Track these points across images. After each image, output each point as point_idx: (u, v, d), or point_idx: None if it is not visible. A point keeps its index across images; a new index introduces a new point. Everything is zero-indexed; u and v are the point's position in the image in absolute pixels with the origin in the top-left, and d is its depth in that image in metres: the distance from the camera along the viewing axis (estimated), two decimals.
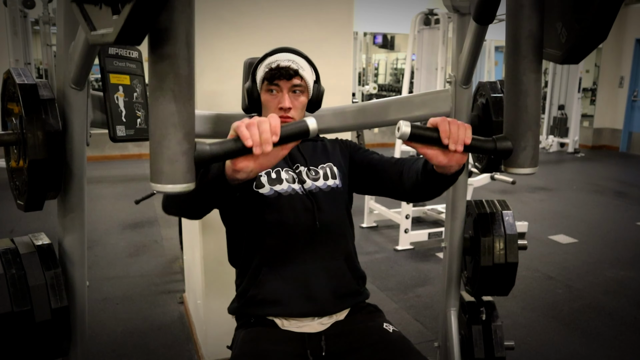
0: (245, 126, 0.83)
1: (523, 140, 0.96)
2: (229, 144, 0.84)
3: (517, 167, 0.98)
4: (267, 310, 1.24)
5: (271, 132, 0.83)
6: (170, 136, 0.76)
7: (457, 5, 1.47)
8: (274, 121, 0.84)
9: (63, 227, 1.19)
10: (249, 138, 0.82)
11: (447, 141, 0.91)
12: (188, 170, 0.78)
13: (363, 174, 1.36)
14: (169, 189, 0.77)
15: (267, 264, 1.25)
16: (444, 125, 0.91)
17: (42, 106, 1.05)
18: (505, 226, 1.57)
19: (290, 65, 1.27)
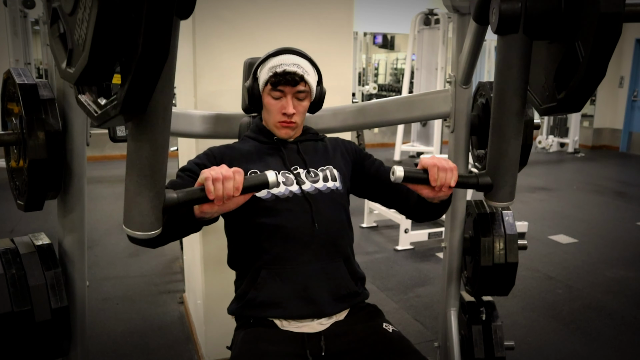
0: (212, 181, 0.95)
1: (502, 179, 1.13)
2: (195, 193, 0.96)
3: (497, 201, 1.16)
4: (266, 312, 1.24)
5: (233, 188, 0.96)
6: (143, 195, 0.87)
7: (457, 5, 1.47)
8: (239, 177, 0.97)
9: (63, 227, 1.19)
10: (212, 192, 0.95)
11: (435, 184, 1.08)
12: (156, 220, 0.90)
13: (369, 183, 1.39)
14: (138, 235, 0.90)
15: (266, 266, 1.24)
16: (433, 171, 1.07)
17: (42, 106, 1.05)
18: (505, 226, 1.57)
19: (296, 70, 1.26)
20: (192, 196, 0.95)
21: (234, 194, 0.96)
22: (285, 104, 1.27)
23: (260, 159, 1.32)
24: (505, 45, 1.00)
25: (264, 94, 1.31)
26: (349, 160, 1.40)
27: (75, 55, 0.68)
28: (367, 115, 1.62)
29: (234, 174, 0.96)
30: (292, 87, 1.27)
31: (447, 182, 1.07)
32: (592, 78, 0.87)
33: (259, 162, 1.31)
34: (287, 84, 1.26)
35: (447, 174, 1.08)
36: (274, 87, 1.27)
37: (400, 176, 1.05)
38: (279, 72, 1.25)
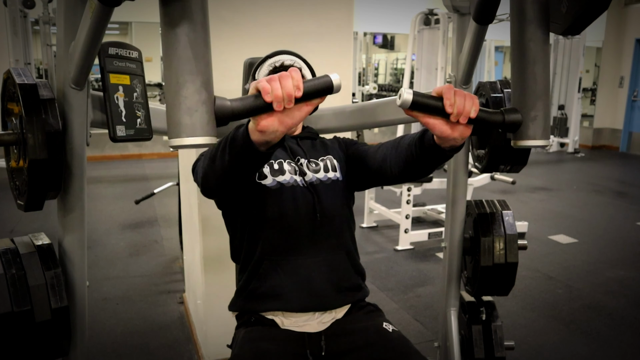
0: (267, 80, 0.78)
1: (533, 110, 0.91)
2: (250, 100, 0.78)
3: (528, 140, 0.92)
4: (268, 304, 1.24)
5: (294, 86, 0.78)
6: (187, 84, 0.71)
7: (457, 5, 1.47)
8: (297, 75, 0.79)
9: (63, 227, 1.19)
10: (269, 92, 0.78)
11: (451, 110, 0.85)
12: (208, 122, 0.73)
13: (354, 166, 1.35)
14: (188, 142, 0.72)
15: (269, 257, 1.25)
16: (449, 94, 0.85)
17: (42, 106, 1.05)
18: (505, 226, 1.57)
19: (294, 64, 1.31)
20: (248, 103, 0.78)
21: (296, 94, 0.79)
22: None
23: None
24: None
25: None
26: (343, 150, 1.40)
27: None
28: (367, 115, 1.62)
29: (290, 72, 0.80)
30: None
31: (466, 110, 0.85)
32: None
33: None
34: None
35: (467, 100, 0.86)
36: None
37: (408, 99, 0.83)
38: (278, 66, 1.30)
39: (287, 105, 0.79)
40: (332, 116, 1.60)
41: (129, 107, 1.07)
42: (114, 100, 1.05)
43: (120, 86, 1.06)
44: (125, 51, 1.07)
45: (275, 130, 0.83)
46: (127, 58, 1.07)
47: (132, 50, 1.09)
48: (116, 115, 1.07)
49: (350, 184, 1.38)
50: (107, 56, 1.03)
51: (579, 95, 8.47)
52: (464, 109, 0.85)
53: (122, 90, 1.06)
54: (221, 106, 0.76)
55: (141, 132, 1.09)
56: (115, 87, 1.05)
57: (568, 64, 8.57)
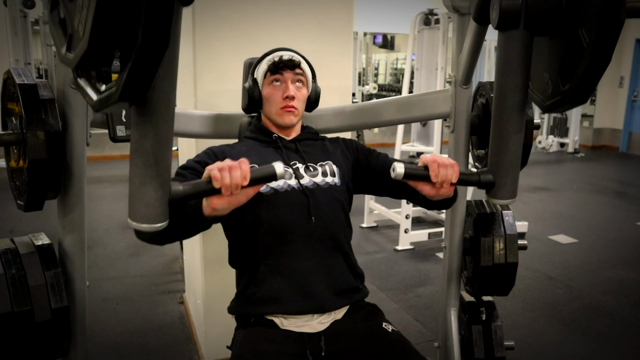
0: (218, 169, 0.90)
1: (504, 177, 1.09)
2: (202, 185, 0.91)
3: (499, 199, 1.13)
4: (266, 308, 1.24)
5: (241, 177, 0.91)
6: (147, 185, 0.84)
7: (457, 5, 1.47)
8: (245, 167, 0.92)
9: (63, 227, 1.19)
10: (219, 181, 0.90)
11: (436, 180, 1.04)
12: (162, 212, 0.87)
13: (376, 178, 1.37)
14: (144, 228, 0.86)
15: (265, 261, 1.25)
16: (434, 167, 1.04)
17: (42, 106, 1.05)
18: (505, 226, 1.57)
19: (293, 57, 1.34)
20: (199, 188, 0.91)
21: (243, 183, 0.92)
22: (286, 88, 1.33)
23: (259, 156, 1.32)
24: (505, 41, 0.99)
25: (264, 87, 1.36)
26: (349, 157, 1.40)
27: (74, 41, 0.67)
28: (367, 115, 1.62)
29: (239, 164, 0.92)
30: (291, 71, 1.33)
31: (448, 178, 1.04)
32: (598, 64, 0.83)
33: (258, 158, 1.32)
34: (285, 68, 1.33)
35: (448, 170, 1.04)
36: (273, 72, 1.33)
37: (401, 173, 1.02)
38: (277, 60, 1.33)
39: (234, 192, 0.92)
40: (332, 116, 1.60)
41: None
42: None
43: None
44: None
45: (224, 209, 0.97)
46: None
47: None
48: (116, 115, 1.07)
49: (352, 188, 1.39)
50: None
51: None
52: (446, 177, 1.04)
53: None
54: (175, 192, 0.89)
55: None
56: None
57: None
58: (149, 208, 0.86)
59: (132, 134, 0.83)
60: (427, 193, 1.09)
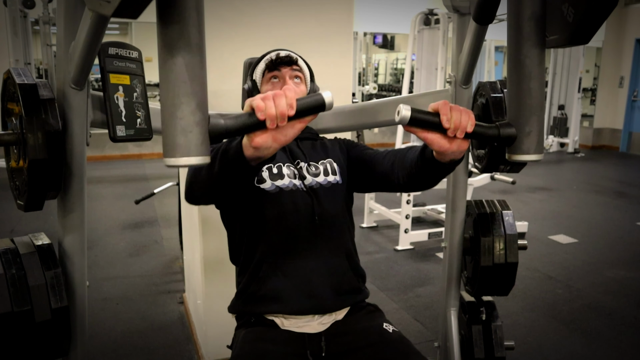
0: (261, 99, 0.80)
1: (527, 125, 0.93)
2: (244, 118, 0.81)
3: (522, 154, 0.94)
4: (267, 307, 1.24)
5: (287, 105, 0.80)
6: (183, 106, 0.73)
7: (457, 5, 1.47)
8: (290, 94, 0.81)
9: (63, 227, 1.19)
10: (263, 110, 0.80)
11: (448, 125, 0.88)
12: (202, 143, 0.76)
13: (358, 170, 1.35)
14: (182, 162, 0.74)
15: (268, 260, 1.25)
16: (446, 110, 0.88)
17: (42, 106, 1.05)
18: (505, 226, 1.57)
19: (290, 54, 1.34)
20: (242, 121, 0.80)
21: (289, 113, 0.81)
22: (284, 84, 1.33)
23: None
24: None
25: (262, 86, 1.36)
26: (344, 152, 1.41)
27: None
28: (367, 115, 1.62)
29: (284, 91, 0.82)
30: (288, 66, 1.33)
31: (463, 124, 0.88)
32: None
33: None
34: (283, 64, 1.33)
35: (463, 116, 0.89)
36: (271, 69, 1.33)
37: (406, 116, 0.86)
38: (274, 57, 1.33)
39: (280, 124, 0.81)
40: (332, 116, 1.60)
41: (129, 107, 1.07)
42: (114, 100, 1.05)
43: (120, 86, 1.06)
44: (125, 51, 1.07)
45: (269, 147, 0.85)
46: (127, 58, 1.07)
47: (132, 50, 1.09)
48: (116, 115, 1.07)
49: (351, 186, 1.38)
50: (107, 56, 1.03)
51: (579, 95, 8.47)
52: (461, 123, 0.88)
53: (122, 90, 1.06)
54: (215, 125, 0.78)
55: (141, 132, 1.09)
56: (115, 87, 1.05)
57: (568, 64, 8.57)
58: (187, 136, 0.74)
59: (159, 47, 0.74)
60: (438, 147, 0.92)
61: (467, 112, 0.89)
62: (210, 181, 0.96)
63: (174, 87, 0.73)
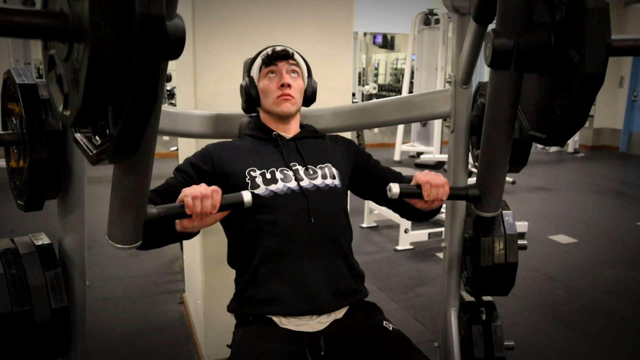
0: (192, 197, 1.01)
1: (490, 193, 1.26)
2: (175, 208, 1.03)
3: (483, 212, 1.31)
4: (266, 309, 1.24)
5: (211, 206, 1.03)
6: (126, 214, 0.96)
7: (457, 5, 1.47)
8: (217, 196, 1.04)
9: (63, 227, 1.19)
10: (190, 208, 1.02)
11: (428, 198, 1.19)
12: (137, 235, 1.00)
13: (369, 183, 1.43)
14: (120, 248, 1.00)
15: (265, 263, 1.25)
16: (426, 187, 1.18)
17: (42, 106, 1.05)
18: (505, 226, 1.57)
19: (286, 48, 1.37)
20: (172, 211, 1.03)
21: (212, 211, 1.03)
22: (281, 77, 1.35)
23: (258, 155, 1.32)
24: (497, 77, 1.05)
25: (259, 81, 1.37)
26: (349, 160, 1.41)
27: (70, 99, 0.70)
28: (367, 115, 1.62)
29: (212, 193, 1.03)
30: (285, 61, 1.35)
31: (439, 196, 1.19)
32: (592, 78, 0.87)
33: (257, 159, 1.31)
34: (279, 58, 1.35)
35: (439, 190, 1.19)
36: (267, 64, 1.35)
37: (397, 193, 1.18)
38: (270, 52, 1.36)
39: (204, 217, 1.05)
40: (332, 116, 1.60)
41: None
42: None
43: None
44: None
45: (194, 228, 1.08)
46: None
47: None
48: None
49: (352, 190, 1.42)
50: None
51: None
52: (437, 196, 1.19)
53: None
54: (150, 215, 1.00)
55: None
56: None
57: None
58: (126, 232, 0.98)
59: (114, 172, 0.92)
60: (419, 207, 1.25)
61: (443, 184, 1.19)
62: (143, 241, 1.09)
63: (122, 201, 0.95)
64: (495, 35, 0.96)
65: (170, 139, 6.97)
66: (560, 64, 0.92)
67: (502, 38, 0.96)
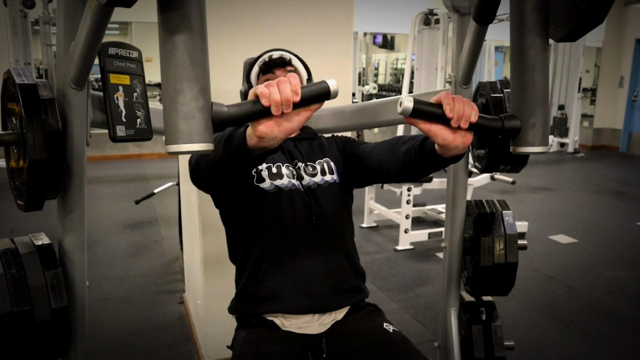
0: (265, 85, 0.79)
1: (532, 117, 0.92)
2: (249, 105, 0.79)
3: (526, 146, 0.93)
4: (267, 307, 1.24)
5: (292, 91, 0.79)
6: (185, 91, 0.72)
7: (457, 5, 1.47)
8: (295, 80, 0.80)
9: (63, 227, 1.19)
10: (267, 97, 0.78)
11: (452, 115, 0.85)
12: (205, 129, 0.74)
13: (352, 166, 1.35)
14: (185, 149, 0.73)
15: (267, 259, 1.25)
16: (448, 100, 0.86)
17: (42, 106, 1.05)
18: (505, 226, 1.57)
19: (283, 55, 1.35)
20: (246, 108, 0.79)
21: (294, 99, 0.79)
22: None
23: None
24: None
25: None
26: (341, 151, 1.41)
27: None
28: (367, 115, 1.62)
29: (288, 77, 0.81)
30: (282, 69, 1.33)
31: (466, 114, 0.86)
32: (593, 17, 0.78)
33: None
34: (276, 66, 1.33)
35: (466, 106, 0.86)
36: (265, 71, 1.34)
37: (409, 107, 0.84)
38: (267, 60, 1.34)
39: (285, 110, 0.79)
40: (331, 116, 1.60)
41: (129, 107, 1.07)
42: (114, 100, 1.05)
43: (120, 86, 1.06)
44: (125, 51, 1.07)
45: (275, 137, 0.83)
46: (127, 58, 1.07)
47: (132, 50, 1.09)
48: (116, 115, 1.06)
49: (349, 183, 1.38)
50: (107, 56, 1.03)
51: (579, 95, 8.47)
52: (464, 113, 0.85)
53: (122, 90, 1.06)
54: (218, 112, 0.77)
55: (141, 132, 1.09)
56: (115, 87, 1.05)
57: (568, 64, 8.57)
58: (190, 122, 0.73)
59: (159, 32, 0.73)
60: (442, 139, 0.89)
61: (470, 102, 0.87)
62: (215, 163, 0.96)
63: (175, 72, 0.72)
64: None
65: None
66: None
67: None
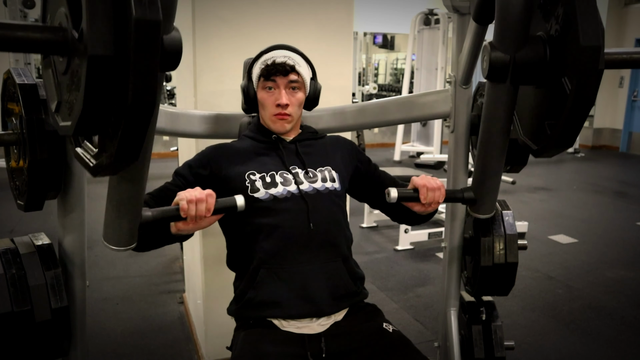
0: (187, 201, 1.04)
1: (485, 196, 1.32)
2: (170, 212, 1.06)
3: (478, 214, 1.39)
4: (265, 312, 1.24)
5: (205, 210, 1.06)
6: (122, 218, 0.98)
7: (457, 5, 1.47)
8: (211, 200, 1.07)
9: (63, 227, 1.19)
10: (185, 211, 1.05)
11: (425, 201, 1.24)
12: (131, 237, 1.03)
13: (367, 188, 1.44)
14: (115, 249, 1.03)
15: (265, 266, 1.25)
16: (423, 191, 1.23)
17: (42, 106, 1.05)
18: (505, 226, 1.57)
19: (286, 61, 1.29)
20: (167, 214, 1.06)
21: (206, 215, 1.06)
22: (279, 95, 1.29)
23: (257, 159, 1.32)
24: (493, 89, 1.07)
25: (258, 90, 1.34)
26: (350, 163, 1.41)
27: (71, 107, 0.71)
28: (367, 115, 1.62)
29: (206, 197, 1.06)
30: (284, 77, 1.29)
31: (435, 199, 1.23)
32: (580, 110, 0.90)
33: (256, 162, 1.31)
34: (278, 74, 1.29)
35: (436, 193, 1.23)
36: (266, 78, 1.30)
37: (395, 197, 1.23)
38: (270, 64, 1.29)
39: (198, 220, 1.08)
40: (332, 116, 1.60)
41: None
42: None
43: None
44: None
45: (190, 231, 1.11)
46: None
47: None
48: None
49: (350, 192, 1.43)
50: None
51: None
52: (434, 198, 1.24)
53: None
54: (145, 217, 1.03)
55: None
56: None
57: None
58: (121, 235, 1.01)
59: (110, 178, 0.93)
60: (417, 210, 1.29)
61: (439, 188, 1.24)
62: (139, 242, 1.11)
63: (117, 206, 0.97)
64: (492, 49, 0.98)
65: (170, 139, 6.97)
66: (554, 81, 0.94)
67: (498, 52, 0.97)
